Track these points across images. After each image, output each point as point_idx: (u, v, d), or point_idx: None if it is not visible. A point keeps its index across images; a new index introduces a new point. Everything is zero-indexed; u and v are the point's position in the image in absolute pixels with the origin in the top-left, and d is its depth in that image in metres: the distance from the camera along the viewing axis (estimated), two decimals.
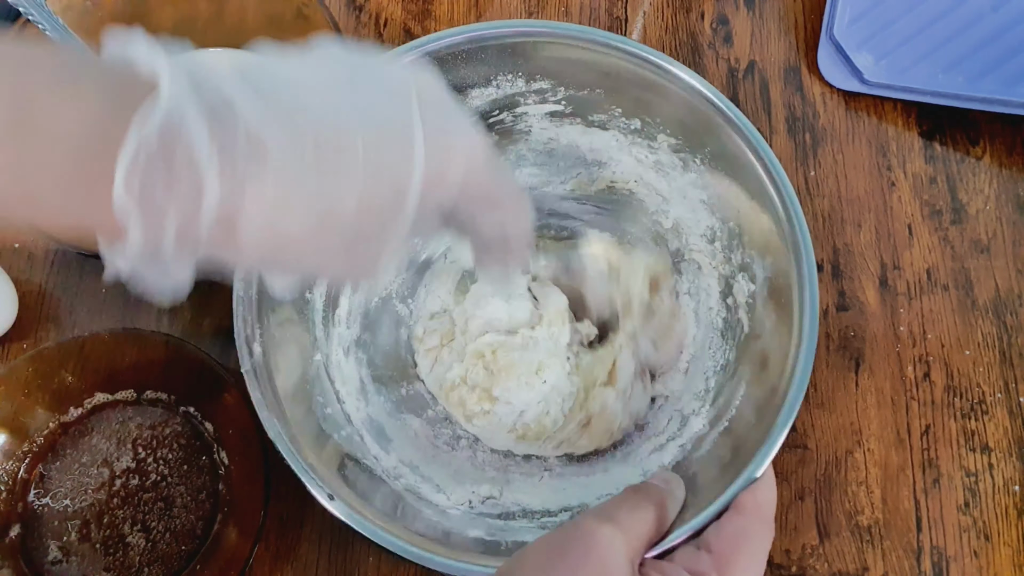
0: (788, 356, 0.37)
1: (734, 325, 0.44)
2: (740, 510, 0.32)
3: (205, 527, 0.45)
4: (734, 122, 0.40)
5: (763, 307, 0.42)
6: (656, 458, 0.43)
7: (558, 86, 0.44)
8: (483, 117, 0.46)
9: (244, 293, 0.38)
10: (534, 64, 0.43)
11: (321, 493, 0.35)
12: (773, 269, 0.41)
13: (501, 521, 0.41)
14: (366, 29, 0.58)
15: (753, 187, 0.41)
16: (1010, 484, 0.47)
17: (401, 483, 0.42)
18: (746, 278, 0.43)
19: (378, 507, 0.38)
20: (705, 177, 0.44)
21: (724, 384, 0.43)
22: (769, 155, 0.40)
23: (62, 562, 0.45)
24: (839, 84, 0.55)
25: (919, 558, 0.45)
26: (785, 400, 0.36)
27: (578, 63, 0.43)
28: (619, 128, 0.46)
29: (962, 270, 0.51)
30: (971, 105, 0.53)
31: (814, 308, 0.37)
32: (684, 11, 0.58)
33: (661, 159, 0.46)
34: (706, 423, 0.43)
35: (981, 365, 0.49)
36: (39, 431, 0.47)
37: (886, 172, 0.54)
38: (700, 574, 0.30)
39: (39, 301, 0.51)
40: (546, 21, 0.45)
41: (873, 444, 0.48)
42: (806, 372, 0.36)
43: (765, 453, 0.35)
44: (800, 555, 0.46)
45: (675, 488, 0.34)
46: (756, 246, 0.42)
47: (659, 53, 0.41)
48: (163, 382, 0.48)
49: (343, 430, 0.42)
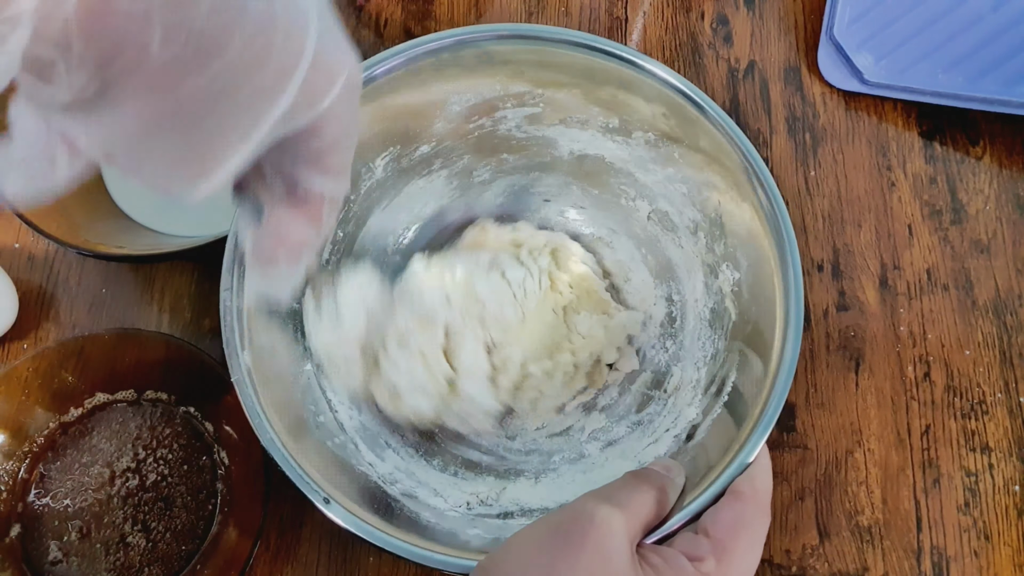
0: (776, 340, 0.38)
1: (722, 314, 0.44)
2: (737, 496, 0.32)
3: (205, 527, 0.45)
4: (709, 113, 0.41)
5: (749, 294, 0.42)
6: (652, 450, 0.43)
7: (536, 88, 0.44)
8: (462, 123, 0.46)
9: (232, 302, 0.38)
10: (511, 68, 0.43)
11: (317, 497, 0.35)
12: (756, 256, 0.41)
13: (500, 520, 0.41)
14: (366, 29, 0.58)
15: (732, 177, 0.41)
16: (1010, 484, 0.47)
17: (397, 488, 0.41)
18: (730, 267, 0.44)
19: (375, 511, 0.37)
20: (684, 171, 0.44)
21: (716, 372, 0.43)
22: (745, 143, 0.40)
23: (62, 562, 0.45)
24: (839, 84, 0.55)
25: (919, 558, 0.45)
26: (776, 383, 0.36)
27: (551, 65, 0.43)
28: (598, 127, 0.46)
29: (962, 270, 0.51)
30: (971, 105, 0.53)
31: (799, 292, 0.38)
32: (684, 11, 0.58)
33: (641, 154, 0.46)
34: (699, 412, 0.43)
35: (981, 365, 0.49)
36: (39, 431, 0.47)
37: (886, 172, 0.54)
38: (698, 559, 0.30)
39: (39, 301, 0.51)
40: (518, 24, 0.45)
41: (873, 444, 0.48)
42: (794, 355, 0.37)
43: (758, 437, 0.35)
44: (800, 555, 0.46)
45: (676, 475, 0.34)
46: (738, 235, 0.43)
47: (630, 49, 0.41)
48: (163, 382, 0.48)
49: (336, 438, 0.41)
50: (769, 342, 0.38)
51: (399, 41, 0.58)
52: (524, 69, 0.44)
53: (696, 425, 0.42)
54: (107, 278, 0.51)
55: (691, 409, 0.43)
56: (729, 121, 0.40)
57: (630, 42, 0.58)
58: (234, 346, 0.37)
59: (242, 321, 0.38)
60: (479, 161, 0.49)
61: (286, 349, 0.42)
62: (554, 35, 0.42)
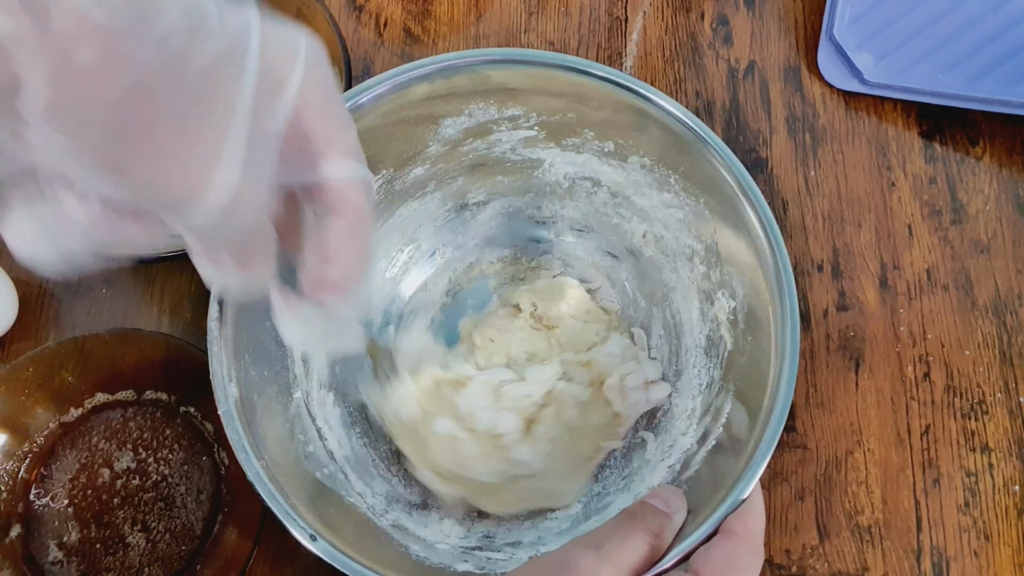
0: (771, 373, 0.37)
1: (717, 342, 0.44)
2: (730, 535, 0.32)
3: (205, 527, 0.45)
4: (706, 140, 0.40)
5: (744, 324, 0.42)
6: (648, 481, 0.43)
7: (530, 112, 0.44)
8: (456, 145, 0.46)
9: (219, 332, 0.37)
10: (506, 92, 0.43)
11: (303, 534, 0.35)
12: (752, 286, 0.41)
13: (494, 553, 0.41)
14: (366, 29, 0.58)
15: (728, 206, 0.41)
16: (1010, 484, 0.47)
17: (387, 519, 0.41)
18: (726, 295, 0.43)
19: (363, 544, 0.37)
20: (681, 196, 0.44)
21: (711, 402, 0.43)
22: (743, 173, 0.39)
23: (62, 562, 0.45)
24: (839, 84, 0.55)
25: (919, 558, 0.45)
26: (770, 418, 0.36)
27: (548, 90, 0.43)
28: (593, 151, 0.46)
29: (962, 270, 0.51)
30: (971, 105, 0.53)
31: (795, 323, 0.37)
32: (684, 11, 0.58)
33: (637, 179, 0.46)
34: (694, 442, 0.42)
35: (981, 365, 0.49)
36: (39, 431, 0.47)
37: (886, 172, 0.54)
38: None
39: (39, 301, 0.51)
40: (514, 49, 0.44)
41: (873, 444, 0.48)
42: (789, 390, 0.36)
43: (752, 473, 0.34)
44: (800, 555, 0.46)
45: (675, 509, 0.33)
46: (734, 263, 0.42)
47: (627, 76, 0.41)
48: (163, 382, 0.48)
49: (326, 468, 0.41)
50: (765, 374, 0.38)
51: (399, 41, 0.58)
52: (519, 92, 0.43)
53: (691, 455, 0.42)
54: (107, 278, 0.51)
55: (685, 439, 0.43)
56: (726, 150, 0.40)
57: (630, 42, 0.58)
58: (221, 378, 0.36)
59: (229, 351, 0.37)
60: (473, 183, 0.49)
61: (274, 378, 0.41)
62: (549, 60, 0.42)
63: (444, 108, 0.44)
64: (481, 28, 0.59)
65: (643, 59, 0.57)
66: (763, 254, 0.39)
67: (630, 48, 0.58)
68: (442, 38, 0.58)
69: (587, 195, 0.49)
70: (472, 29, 0.59)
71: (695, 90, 0.56)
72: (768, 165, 0.54)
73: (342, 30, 0.53)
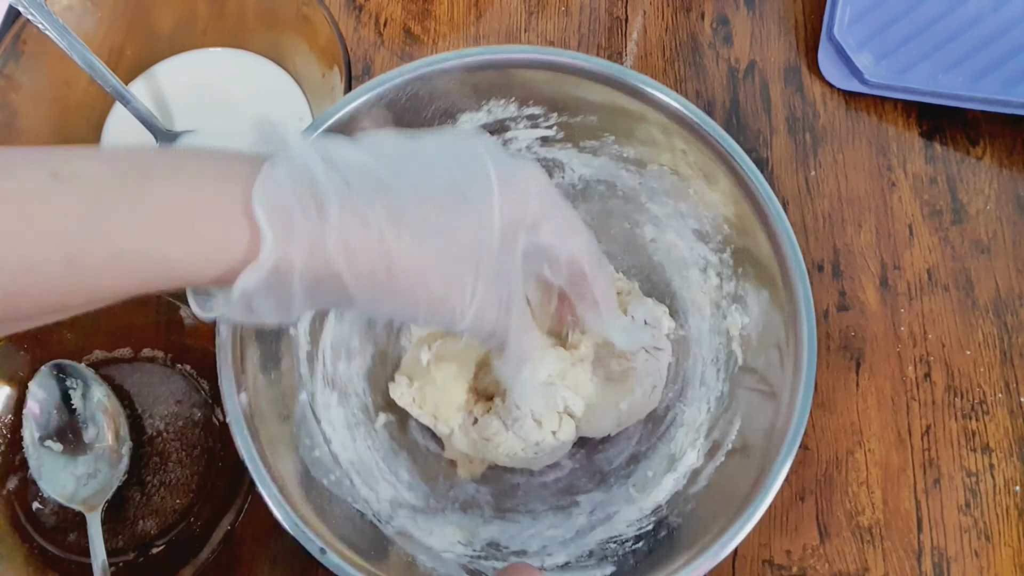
0: (786, 392, 0.37)
1: (727, 357, 0.44)
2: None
3: (200, 482, 0.46)
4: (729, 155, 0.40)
5: (757, 341, 0.41)
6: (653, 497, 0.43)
7: (551, 112, 0.44)
8: None
9: (226, 337, 0.36)
10: (527, 90, 0.43)
11: (313, 548, 0.34)
12: (767, 303, 0.40)
13: (500, 563, 0.41)
14: (366, 29, 0.58)
15: (748, 221, 0.40)
16: (1011, 484, 0.47)
17: (393, 527, 0.41)
18: (739, 310, 0.43)
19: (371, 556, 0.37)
20: (698, 208, 0.44)
21: (719, 416, 0.43)
22: (768, 193, 0.39)
23: (58, 514, 0.45)
24: (839, 84, 0.55)
25: (920, 558, 0.45)
26: (784, 439, 0.35)
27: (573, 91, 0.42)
28: (610, 155, 0.45)
29: (962, 270, 0.51)
30: (971, 105, 0.53)
31: (812, 345, 0.37)
32: (684, 11, 0.58)
33: (654, 185, 0.45)
34: (702, 456, 0.42)
35: (982, 365, 0.49)
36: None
37: (886, 172, 0.54)
38: None
39: None
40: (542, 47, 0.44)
41: (874, 444, 0.48)
42: (804, 410, 0.36)
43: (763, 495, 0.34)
44: (801, 555, 0.46)
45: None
46: (750, 278, 0.42)
47: (656, 83, 0.40)
48: (160, 341, 0.48)
49: (332, 474, 0.41)
50: (778, 393, 0.37)
51: (399, 40, 0.58)
52: (540, 91, 0.43)
53: (698, 470, 0.41)
54: None
55: (692, 452, 0.43)
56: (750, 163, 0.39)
57: (630, 41, 0.58)
58: (229, 385, 0.36)
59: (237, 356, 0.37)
60: None
61: (281, 380, 0.41)
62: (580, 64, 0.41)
63: (462, 103, 0.43)
64: (481, 28, 0.58)
65: (643, 59, 0.57)
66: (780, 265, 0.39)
67: (630, 48, 0.58)
68: (442, 38, 0.58)
69: (600, 198, 0.48)
70: (472, 29, 0.58)
71: (695, 90, 0.56)
72: (768, 165, 0.54)
73: (342, 30, 0.53)
